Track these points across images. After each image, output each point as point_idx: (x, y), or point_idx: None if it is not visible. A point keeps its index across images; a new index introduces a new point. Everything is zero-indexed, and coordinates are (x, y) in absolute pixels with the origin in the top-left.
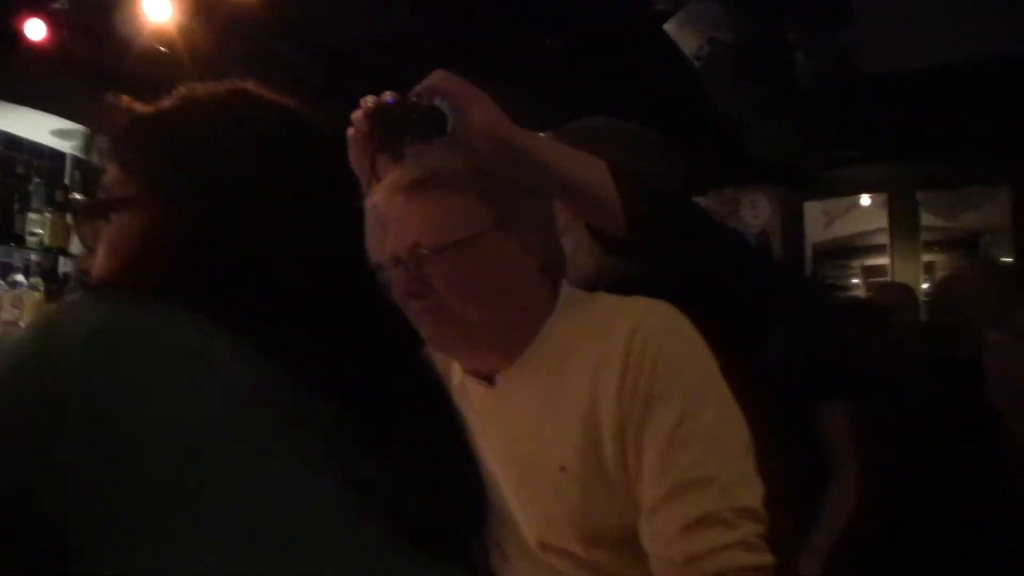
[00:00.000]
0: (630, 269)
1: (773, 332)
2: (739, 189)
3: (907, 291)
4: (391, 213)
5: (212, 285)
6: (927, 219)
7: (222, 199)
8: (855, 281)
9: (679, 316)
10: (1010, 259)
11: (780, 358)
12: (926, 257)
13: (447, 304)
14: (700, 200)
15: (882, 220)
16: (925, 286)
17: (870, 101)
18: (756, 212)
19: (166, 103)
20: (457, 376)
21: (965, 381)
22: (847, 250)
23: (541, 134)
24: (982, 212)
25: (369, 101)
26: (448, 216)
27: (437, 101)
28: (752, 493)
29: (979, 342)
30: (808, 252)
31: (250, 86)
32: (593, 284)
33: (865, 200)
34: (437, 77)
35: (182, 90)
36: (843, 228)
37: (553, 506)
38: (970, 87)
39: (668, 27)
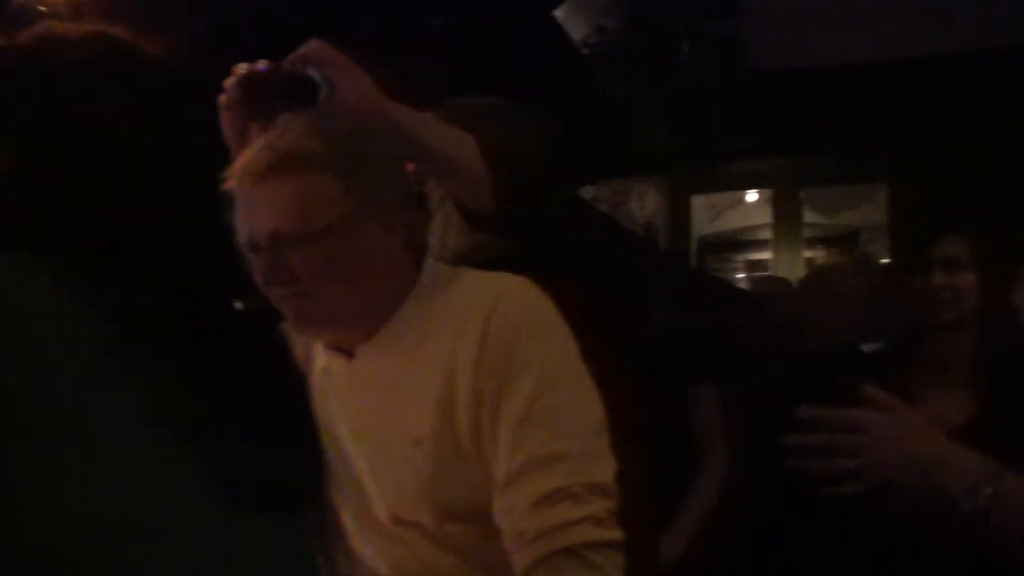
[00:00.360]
0: (498, 247)
1: (645, 314)
2: (628, 180)
3: (784, 284)
4: (249, 197)
5: (53, 231)
6: (809, 216)
7: (66, 142)
8: (739, 275)
9: (539, 294)
10: (887, 257)
11: (652, 340)
12: (807, 253)
13: (308, 290)
14: (589, 190)
15: (766, 216)
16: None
17: (757, 97)
18: (643, 204)
19: (22, 39)
20: (321, 358)
21: (834, 368)
22: (732, 244)
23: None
24: (861, 211)
25: (241, 68)
26: (307, 203)
27: (310, 70)
28: (603, 470)
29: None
30: (693, 245)
31: (117, 31)
32: (462, 261)
33: (751, 196)
34: (311, 46)
35: (41, 27)
36: (729, 222)
37: (407, 480)
38: (854, 87)
39: (558, 13)
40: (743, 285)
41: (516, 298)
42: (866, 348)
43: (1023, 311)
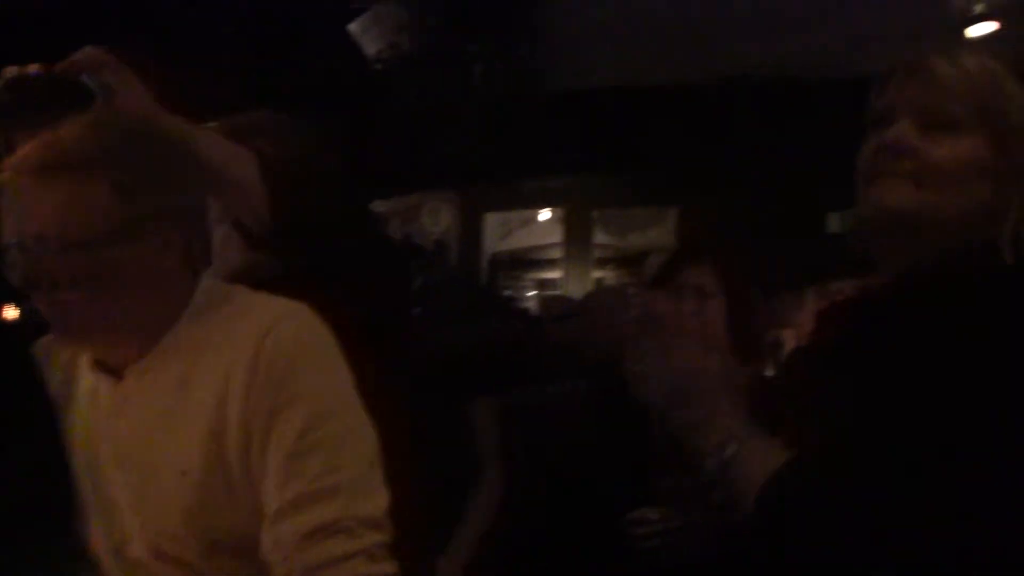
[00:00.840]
0: (275, 266)
1: (423, 331)
2: (421, 196)
3: (570, 303)
4: (19, 196)
5: None
6: (600, 237)
7: None
8: (529, 293)
9: (314, 321)
10: None
11: (429, 357)
12: (597, 273)
13: (71, 299)
14: (382, 204)
15: (558, 235)
16: None
17: (550, 117)
18: (436, 220)
19: None
20: (87, 378)
21: (613, 385)
22: (523, 262)
23: (206, 125)
24: (650, 233)
25: (11, 71)
26: (78, 208)
27: (85, 76)
28: (376, 503)
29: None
30: (485, 262)
31: None
32: (240, 280)
33: (544, 215)
34: (86, 51)
35: None
36: (521, 240)
37: (171, 511)
38: (644, 110)
39: (353, 28)
40: (532, 303)
41: (290, 325)
42: None
43: (763, 337)
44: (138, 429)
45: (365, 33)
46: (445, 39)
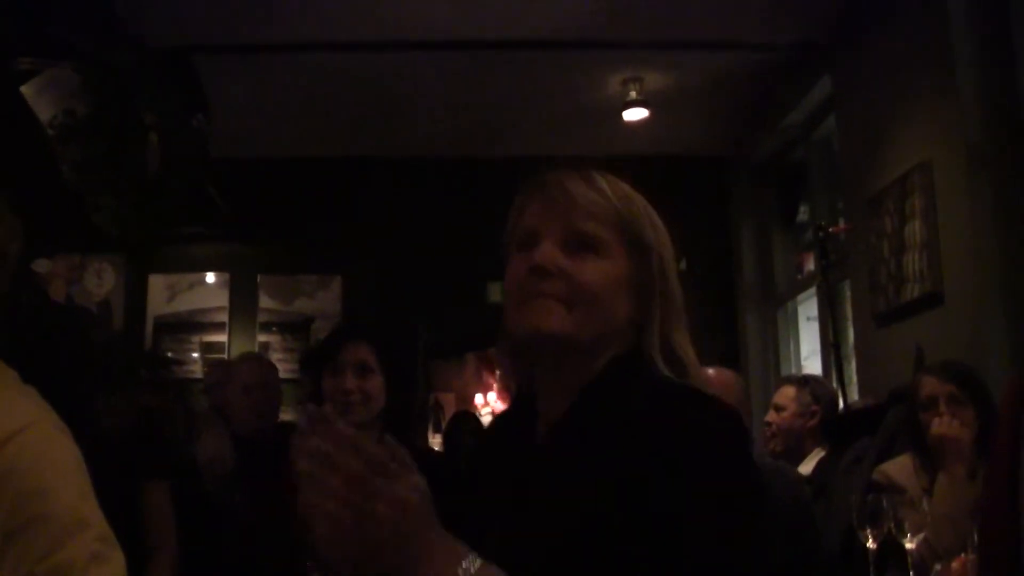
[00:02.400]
0: None
1: (97, 405)
2: (86, 256)
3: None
4: None
5: None
6: (265, 301)
7: None
8: (194, 355)
9: (57, 432)
10: None
11: (105, 434)
12: (262, 337)
13: None
14: (45, 264)
15: (224, 299)
16: None
17: (217, 183)
18: (101, 281)
19: None
20: None
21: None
22: (189, 325)
23: None
24: (316, 299)
25: None
26: None
27: None
28: None
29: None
30: (150, 325)
31: None
32: None
33: (210, 278)
34: None
35: None
36: (186, 303)
37: None
38: (307, 180)
39: (25, 90)
40: (199, 367)
41: (24, 442)
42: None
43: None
44: None
45: (38, 96)
46: (121, 107)
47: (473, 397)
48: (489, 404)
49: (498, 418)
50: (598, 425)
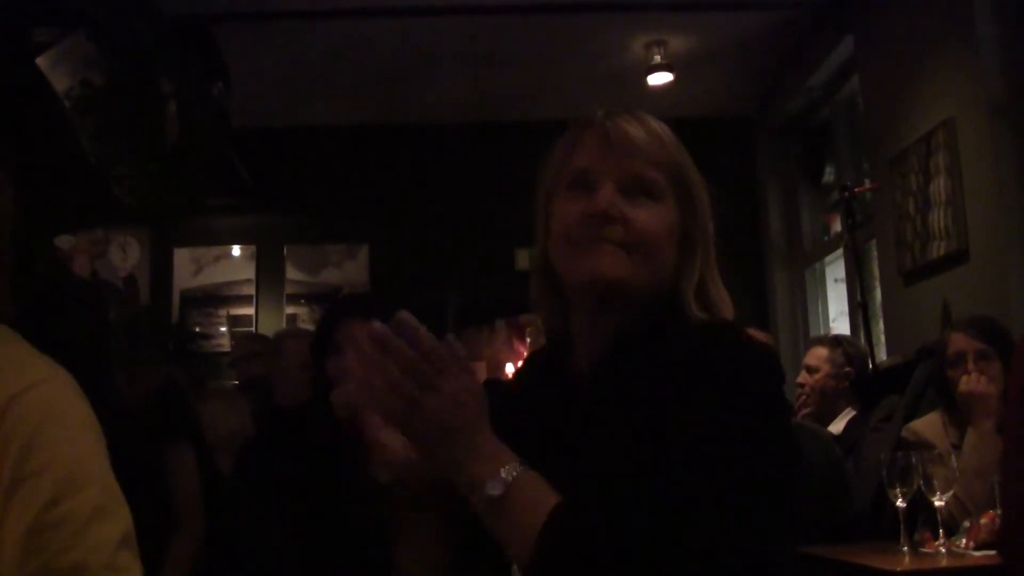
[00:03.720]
0: None
1: (117, 379)
2: (110, 231)
3: (262, 341)
4: None
5: None
6: (292, 272)
7: None
8: (222, 329)
9: (68, 390)
10: None
11: (127, 399)
12: (290, 309)
13: None
14: (68, 239)
15: (250, 271)
16: None
17: (240, 154)
18: (126, 255)
19: None
20: None
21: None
22: (215, 298)
23: None
24: (343, 269)
25: None
26: None
27: None
28: None
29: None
30: (176, 298)
31: None
32: None
33: (236, 251)
34: None
35: None
36: (212, 276)
37: None
38: (334, 148)
39: (41, 62)
40: (227, 340)
41: (41, 391)
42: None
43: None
44: None
45: (54, 67)
46: (138, 77)
47: (504, 365)
48: None
49: (530, 359)
50: (640, 364)
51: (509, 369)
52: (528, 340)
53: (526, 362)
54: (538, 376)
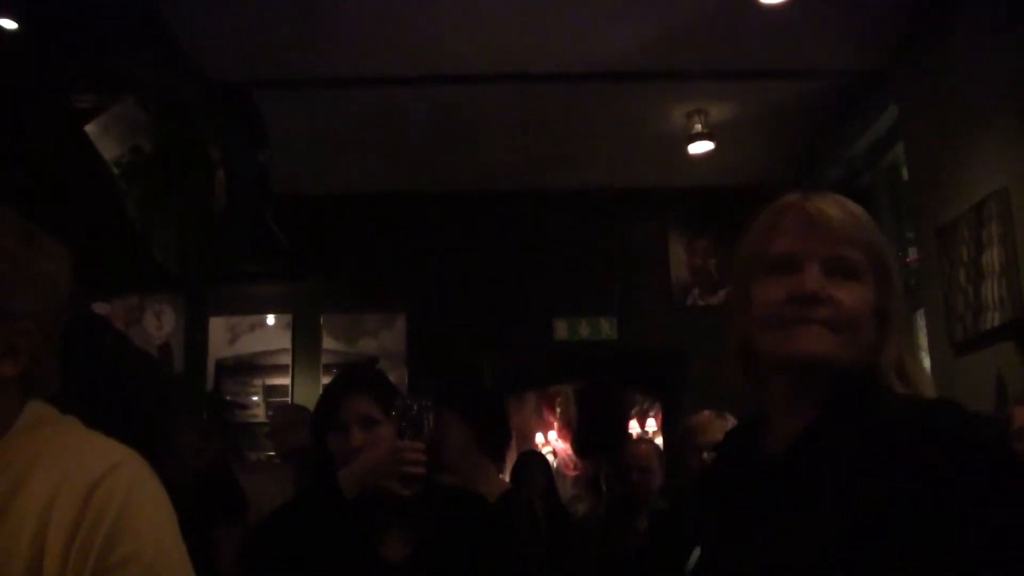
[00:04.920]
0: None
1: (167, 449)
2: (144, 298)
3: (302, 412)
4: None
5: None
6: (328, 342)
7: None
8: (255, 399)
9: (148, 473)
10: (403, 383)
11: (176, 480)
12: (326, 379)
13: None
14: (104, 306)
15: (286, 340)
16: None
17: (279, 221)
18: (161, 323)
19: None
20: None
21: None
22: (250, 367)
23: None
24: (379, 338)
25: None
26: None
27: None
28: None
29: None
30: (211, 367)
31: None
32: None
33: (271, 319)
34: None
35: None
36: (247, 345)
37: None
38: (373, 216)
39: (90, 129)
40: (262, 410)
41: (126, 474)
42: None
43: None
44: None
45: (104, 134)
46: (187, 143)
47: (534, 435)
48: (549, 443)
49: (728, 437)
50: (847, 439)
51: (539, 439)
52: (558, 411)
53: (724, 440)
54: (733, 453)
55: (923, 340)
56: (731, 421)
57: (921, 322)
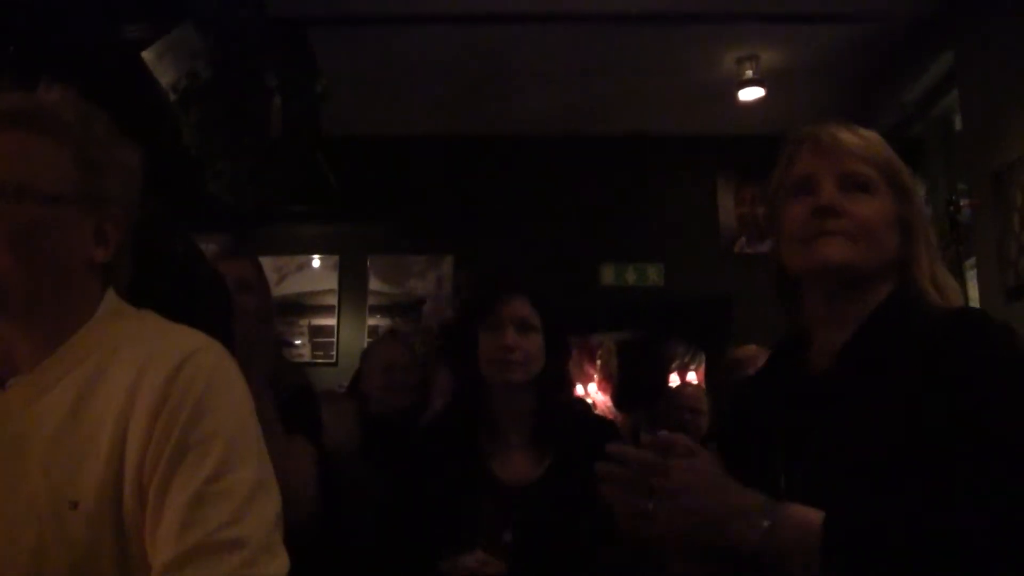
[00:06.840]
0: None
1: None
2: (193, 236)
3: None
4: None
5: None
6: (374, 283)
7: None
8: (300, 340)
9: (230, 360)
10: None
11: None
12: (372, 320)
13: None
14: None
15: (332, 281)
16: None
17: (327, 161)
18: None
19: None
20: None
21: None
22: (296, 307)
23: None
24: (426, 280)
25: None
26: (39, 160)
27: None
28: (278, 565)
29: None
30: None
31: None
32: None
33: (317, 260)
34: None
35: None
36: (294, 286)
37: (51, 548)
38: (419, 158)
39: (147, 55)
40: (307, 350)
41: (206, 362)
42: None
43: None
44: (20, 451)
45: (160, 60)
46: (245, 70)
47: (574, 387)
48: (589, 395)
49: (774, 353)
50: (891, 349)
51: (579, 390)
52: (598, 363)
53: (769, 359)
54: (776, 369)
55: (973, 291)
56: None
57: (972, 272)
